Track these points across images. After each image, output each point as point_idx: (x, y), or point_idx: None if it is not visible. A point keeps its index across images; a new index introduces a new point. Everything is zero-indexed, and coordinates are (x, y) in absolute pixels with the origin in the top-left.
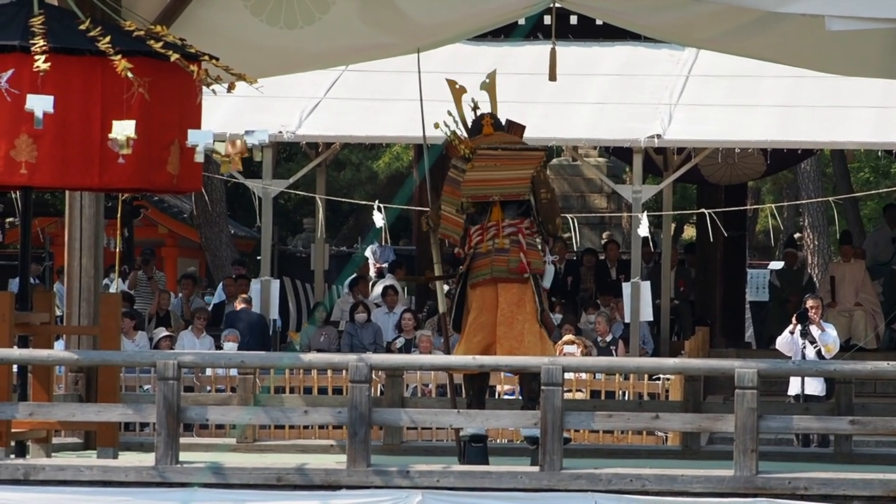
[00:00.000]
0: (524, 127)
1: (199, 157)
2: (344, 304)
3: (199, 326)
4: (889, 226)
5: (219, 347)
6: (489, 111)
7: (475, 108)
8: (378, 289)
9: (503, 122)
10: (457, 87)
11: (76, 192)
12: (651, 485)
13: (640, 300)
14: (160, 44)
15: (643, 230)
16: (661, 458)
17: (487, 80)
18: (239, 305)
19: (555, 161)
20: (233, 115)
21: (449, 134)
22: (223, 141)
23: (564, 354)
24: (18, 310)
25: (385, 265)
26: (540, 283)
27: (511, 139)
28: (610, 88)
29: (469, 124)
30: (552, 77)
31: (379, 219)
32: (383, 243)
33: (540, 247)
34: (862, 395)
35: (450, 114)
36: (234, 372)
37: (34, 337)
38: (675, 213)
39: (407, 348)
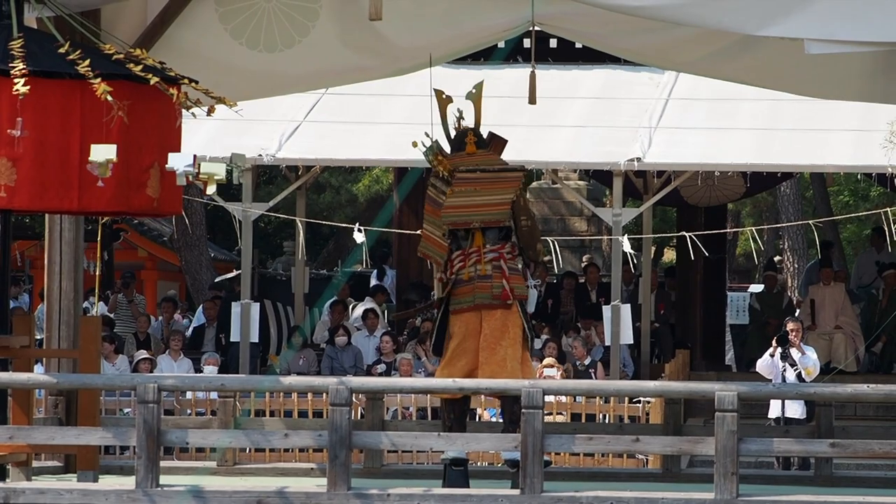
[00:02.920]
0: (506, 141)
1: (181, 181)
2: (324, 327)
3: (175, 349)
4: (876, 250)
5: (199, 370)
6: (472, 125)
7: (460, 118)
8: (358, 311)
9: (486, 136)
10: (444, 96)
11: (56, 216)
12: None
13: (620, 323)
14: (140, 67)
15: (626, 246)
16: (642, 481)
17: (474, 91)
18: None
19: (535, 184)
20: (212, 139)
21: (428, 154)
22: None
23: (545, 377)
24: None
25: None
26: (525, 308)
27: (492, 159)
28: (590, 111)
29: (452, 136)
30: (532, 100)
31: (359, 237)
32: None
33: (521, 271)
34: (842, 418)
35: (427, 134)
36: (214, 395)
37: (14, 360)
38: (656, 235)
39: (387, 372)
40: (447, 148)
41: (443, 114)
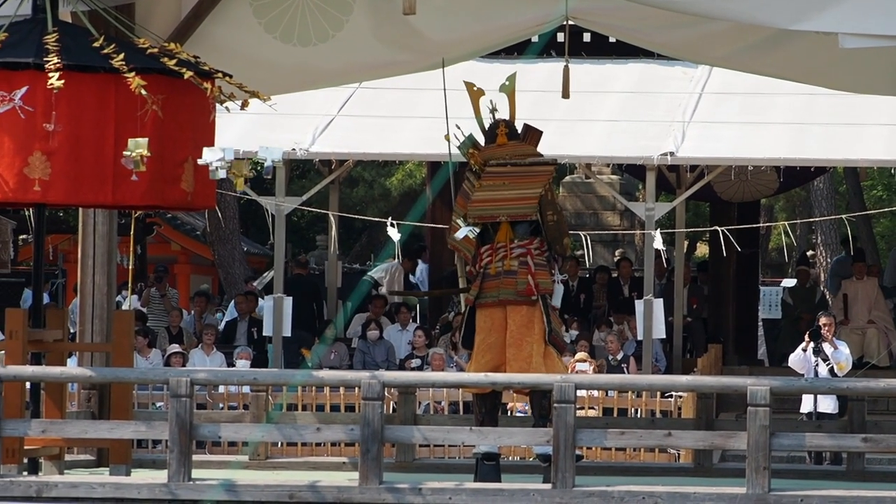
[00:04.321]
0: (541, 133)
1: (218, 175)
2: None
3: (208, 343)
4: None
5: (231, 365)
6: (505, 117)
7: (493, 110)
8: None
9: (519, 129)
10: (475, 89)
11: (89, 209)
12: (664, 502)
13: (652, 318)
14: (174, 61)
15: (658, 243)
16: (674, 476)
17: (507, 83)
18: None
19: (567, 178)
20: (246, 133)
21: (462, 148)
22: (241, 159)
23: (577, 372)
24: (31, 327)
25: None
26: (549, 303)
27: (524, 150)
28: (623, 106)
29: (486, 128)
30: (565, 94)
31: (394, 234)
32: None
33: (549, 265)
34: (875, 413)
35: (458, 127)
36: (246, 389)
37: (47, 354)
38: (688, 230)
39: (420, 366)
40: (482, 140)
41: (475, 106)
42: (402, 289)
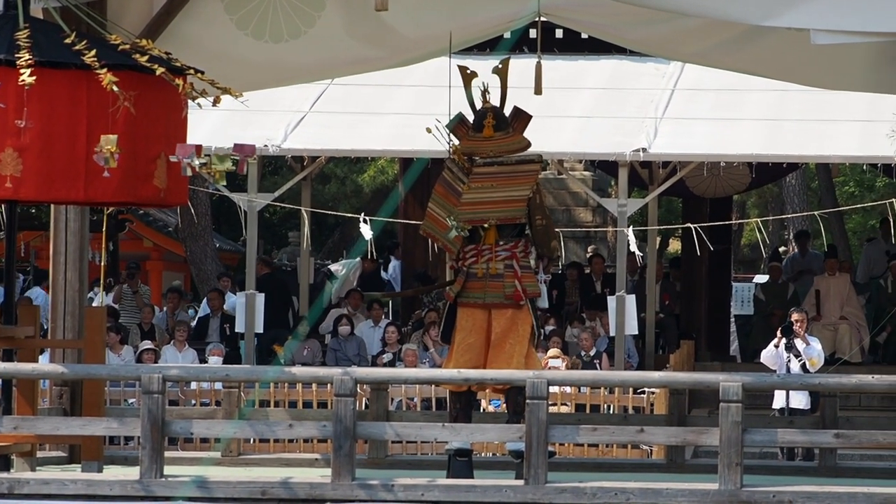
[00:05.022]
0: (530, 117)
1: (186, 171)
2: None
3: (181, 340)
4: (883, 239)
5: (203, 361)
6: (493, 105)
7: (485, 91)
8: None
9: (510, 113)
10: (468, 72)
11: (61, 206)
12: (636, 498)
13: (624, 314)
14: (145, 57)
15: (633, 247)
16: (646, 472)
17: (500, 66)
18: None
19: (540, 175)
20: (218, 129)
21: (451, 125)
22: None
23: (550, 368)
24: (3, 323)
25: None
26: (536, 305)
27: (509, 145)
28: (595, 102)
29: (477, 109)
30: (538, 91)
31: (367, 231)
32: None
33: (533, 266)
34: (846, 409)
35: (438, 121)
36: (218, 386)
37: (19, 350)
38: (661, 227)
39: (392, 362)
40: (471, 118)
41: (468, 88)
42: (357, 287)
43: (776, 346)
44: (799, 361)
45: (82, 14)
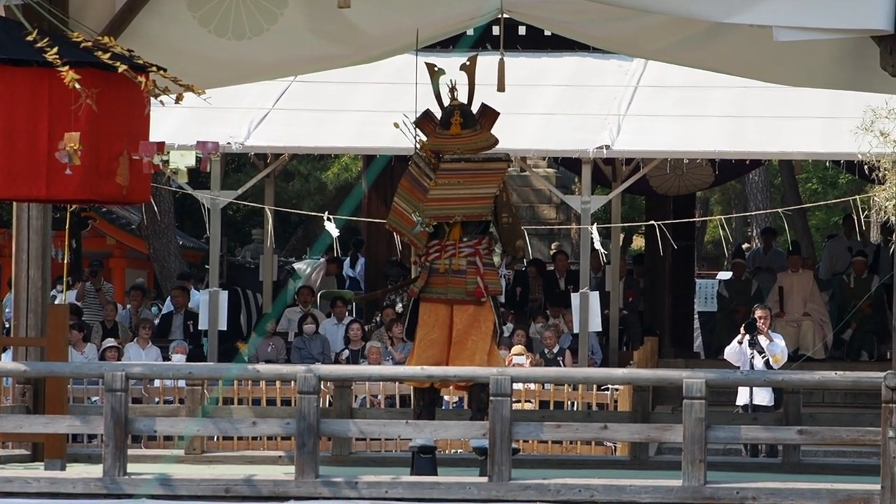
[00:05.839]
0: (498, 114)
1: (148, 169)
2: (292, 314)
3: (144, 337)
4: (846, 235)
5: (166, 359)
6: (461, 102)
7: (453, 88)
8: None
9: (477, 110)
10: (435, 69)
11: (24, 204)
12: (600, 495)
13: (588, 310)
14: (108, 55)
15: (596, 244)
16: (610, 469)
17: (468, 63)
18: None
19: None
20: (181, 127)
21: (413, 135)
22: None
23: (514, 365)
24: None
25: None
26: (498, 302)
27: (476, 143)
28: (559, 99)
29: (445, 104)
30: (500, 88)
31: (333, 228)
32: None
33: (496, 262)
34: (810, 405)
35: (406, 116)
36: (182, 383)
37: None
38: (624, 224)
39: (354, 359)
40: (438, 114)
41: (435, 83)
42: (319, 286)
43: (740, 343)
44: (762, 358)
45: (44, 11)
